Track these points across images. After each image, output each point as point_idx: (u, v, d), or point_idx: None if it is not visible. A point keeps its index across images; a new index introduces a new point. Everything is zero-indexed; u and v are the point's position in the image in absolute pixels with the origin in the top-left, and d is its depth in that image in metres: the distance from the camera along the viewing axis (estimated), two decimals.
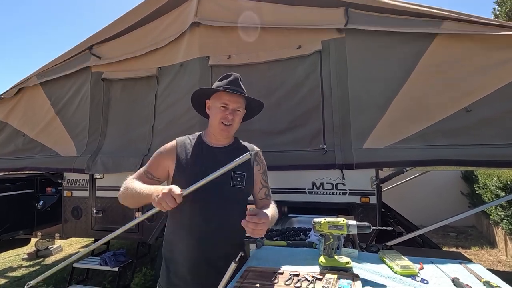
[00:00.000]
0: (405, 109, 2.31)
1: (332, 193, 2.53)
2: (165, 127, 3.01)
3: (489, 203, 3.67)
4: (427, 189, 5.90)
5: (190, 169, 1.31)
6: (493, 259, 4.28)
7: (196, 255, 1.28)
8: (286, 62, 2.67)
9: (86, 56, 3.41)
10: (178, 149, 1.35)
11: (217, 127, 1.34)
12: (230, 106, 1.33)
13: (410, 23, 2.30)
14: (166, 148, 1.37)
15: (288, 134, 2.61)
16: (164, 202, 1.07)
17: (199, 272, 1.28)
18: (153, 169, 1.36)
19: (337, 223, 1.17)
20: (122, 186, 1.33)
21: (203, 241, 1.28)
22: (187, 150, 1.36)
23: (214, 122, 1.35)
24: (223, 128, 1.33)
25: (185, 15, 2.97)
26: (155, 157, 1.38)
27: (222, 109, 1.33)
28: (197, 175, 1.20)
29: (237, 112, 1.35)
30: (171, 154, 1.34)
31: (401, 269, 1.13)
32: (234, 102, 1.34)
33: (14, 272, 4.31)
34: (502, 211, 4.18)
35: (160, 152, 1.37)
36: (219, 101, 1.34)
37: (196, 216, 1.29)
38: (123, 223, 1.28)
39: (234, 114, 1.34)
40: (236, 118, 1.35)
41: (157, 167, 1.36)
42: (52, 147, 3.53)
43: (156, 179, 1.36)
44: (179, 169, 1.31)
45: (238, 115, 1.36)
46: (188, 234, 1.29)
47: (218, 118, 1.33)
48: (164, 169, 1.35)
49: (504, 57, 2.11)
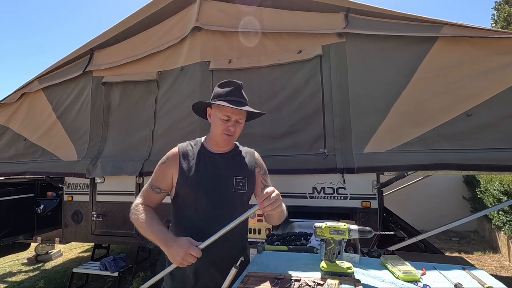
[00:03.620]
0: (406, 113, 2.31)
1: (333, 198, 2.51)
2: (166, 131, 3.02)
3: (491, 208, 3.66)
4: (428, 193, 5.87)
5: (193, 176, 1.32)
6: (496, 264, 4.25)
7: (201, 259, 1.28)
8: (286, 66, 2.68)
9: (86, 60, 3.43)
10: (180, 156, 1.36)
11: (219, 137, 1.35)
12: (232, 118, 1.33)
13: (410, 28, 2.32)
14: (169, 157, 1.37)
15: (289, 138, 2.61)
16: (186, 262, 1.15)
17: (204, 275, 1.29)
18: (159, 182, 1.35)
19: (338, 228, 1.16)
20: (132, 209, 1.31)
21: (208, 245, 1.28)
22: (189, 157, 1.36)
23: (217, 132, 1.36)
24: (226, 138, 1.35)
25: (186, 20, 2.99)
26: (159, 168, 1.37)
27: (224, 121, 1.33)
28: (200, 183, 1.26)
29: (238, 123, 1.37)
30: (174, 162, 1.35)
31: (403, 274, 1.12)
32: (237, 115, 1.34)
33: (14, 277, 4.29)
34: (504, 215, 4.16)
35: (163, 162, 1.36)
36: (221, 112, 1.33)
37: (199, 221, 1.31)
38: (123, 227, 1.29)
39: (236, 125, 1.35)
40: (238, 128, 1.37)
41: (163, 179, 1.35)
42: (53, 151, 3.54)
43: (165, 191, 1.37)
44: (183, 176, 1.32)
45: (240, 126, 1.38)
46: (191, 237, 1.29)
47: (221, 129, 1.33)
48: (169, 178, 1.35)
49: (504, 61, 2.12)
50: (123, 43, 3.31)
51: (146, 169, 2.92)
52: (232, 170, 1.37)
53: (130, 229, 3.08)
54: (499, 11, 8.74)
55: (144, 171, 2.94)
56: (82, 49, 3.44)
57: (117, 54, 3.32)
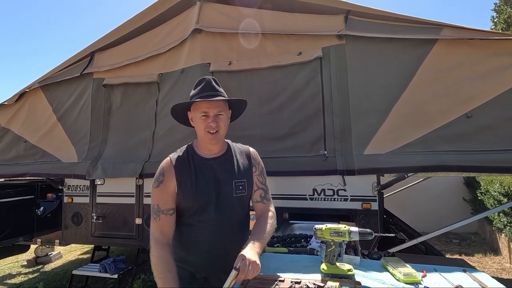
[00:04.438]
0: (406, 115, 2.31)
1: (333, 199, 2.51)
2: (166, 133, 3.02)
3: (491, 210, 3.64)
4: (429, 195, 5.86)
5: (193, 186, 1.27)
6: (497, 266, 4.23)
7: (212, 267, 1.29)
8: (287, 68, 2.69)
9: (87, 62, 3.44)
10: (175, 167, 1.29)
11: (204, 136, 1.29)
12: (210, 113, 1.27)
13: (410, 30, 2.32)
14: (164, 172, 1.28)
15: (289, 140, 2.61)
16: None
17: (212, 277, 1.29)
18: (168, 203, 1.27)
19: (339, 230, 1.16)
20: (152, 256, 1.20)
21: (213, 252, 1.29)
22: (184, 167, 1.30)
23: (200, 133, 1.30)
24: (210, 137, 1.27)
25: (186, 22, 3.00)
26: (160, 189, 1.27)
27: (203, 119, 1.27)
28: (200, 192, 1.25)
29: (219, 116, 1.29)
30: (171, 175, 1.28)
31: (404, 276, 1.12)
32: (214, 108, 1.27)
33: (13, 279, 4.27)
34: (505, 217, 4.15)
35: (161, 181, 1.27)
36: (198, 111, 1.28)
37: (203, 230, 1.29)
38: (123, 229, 1.28)
39: (217, 119, 1.27)
40: (220, 123, 1.28)
41: (168, 197, 1.27)
42: (53, 153, 3.54)
43: (176, 207, 1.30)
44: (182, 188, 1.27)
45: (222, 119, 1.30)
46: (198, 247, 1.30)
47: (202, 128, 1.27)
48: (173, 192, 1.28)
49: (504, 63, 2.12)
50: (124, 45, 3.32)
51: (146, 171, 2.92)
52: (229, 174, 1.32)
53: (130, 231, 3.09)
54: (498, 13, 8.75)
55: (144, 173, 2.94)
56: (83, 53, 3.45)
57: (118, 56, 3.33)
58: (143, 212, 3.06)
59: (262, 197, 1.39)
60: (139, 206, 3.09)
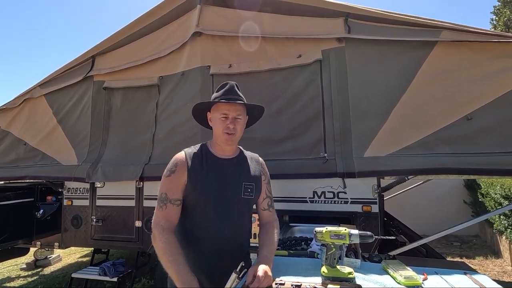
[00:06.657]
0: (406, 117, 2.31)
1: (333, 202, 2.50)
2: (166, 135, 3.02)
3: (492, 212, 3.64)
4: (429, 197, 5.85)
5: (202, 182, 1.30)
6: (498, 269, 4.21)
7: (216, 266, 1.29)
8: (286, 71, 2.69)
9: (88, 66, 3.45)
10: (188, 161, 1.32)
11: (221, 136, 1.35)
12: (230, 115, 1.34)
13: (409, 32, 2.33)
14: (178, 163, 1.31)
15: (289, 143, 2.61)
16: None
17: (213, 276, 1.29)
18: (176, 193, 1.29)
19: (339, 233, 1.16)
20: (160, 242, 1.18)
21: (217, 251, 1.29)
22: (196, 162, 1.33)
23: (218, 132, 1.36)
24: (227, 137, 1.34)
25: (187, 25, 3.01)
26: (170, 179, 1.30)
27: (222, 120, 1.34)
28: (209, 189, 1.28)
29: (237, 120, 1.36)
30: (183, 167, 1.30)
31: (405, 279, 1.12)
32: (233, 111, 1.35)
33: (12, 282, 4.26)
34: (505, 220, 4.14)
35: (173, 171, 1.30)
36: (218, 112, 1.35)
37: (208, 227, 1.30)
38: (123, 232, 1.27)
39: (235, 122, 1.34)
40: (237, 126, 1.35)
41: (178, 188, 1.29)
42: (53, 155, 3.54)
43: (183, 199, 1.32)
44: (192, 182, 1.29)
45: (240, 123, 1.37)
46: (201, 245, 1.30)
47: (221, 129, 1.33)
48: (183, 185, 1.30)
49: (504, 65, 2.12)
50: (124, 48, 3.33)
51: (146, 174, 2.92)
52: (240, 175, 1.37)
53: (130, 234, 3.08)
54: (498, 16, 8.79)
55: (144, 176, 2.94)
56: (83, 57, 3.47)
57: (118, 59, 3.34)
58: (143, 215, 3.06)
59: (269, 205, 1.47)
60: (139, 209, 3.08)
